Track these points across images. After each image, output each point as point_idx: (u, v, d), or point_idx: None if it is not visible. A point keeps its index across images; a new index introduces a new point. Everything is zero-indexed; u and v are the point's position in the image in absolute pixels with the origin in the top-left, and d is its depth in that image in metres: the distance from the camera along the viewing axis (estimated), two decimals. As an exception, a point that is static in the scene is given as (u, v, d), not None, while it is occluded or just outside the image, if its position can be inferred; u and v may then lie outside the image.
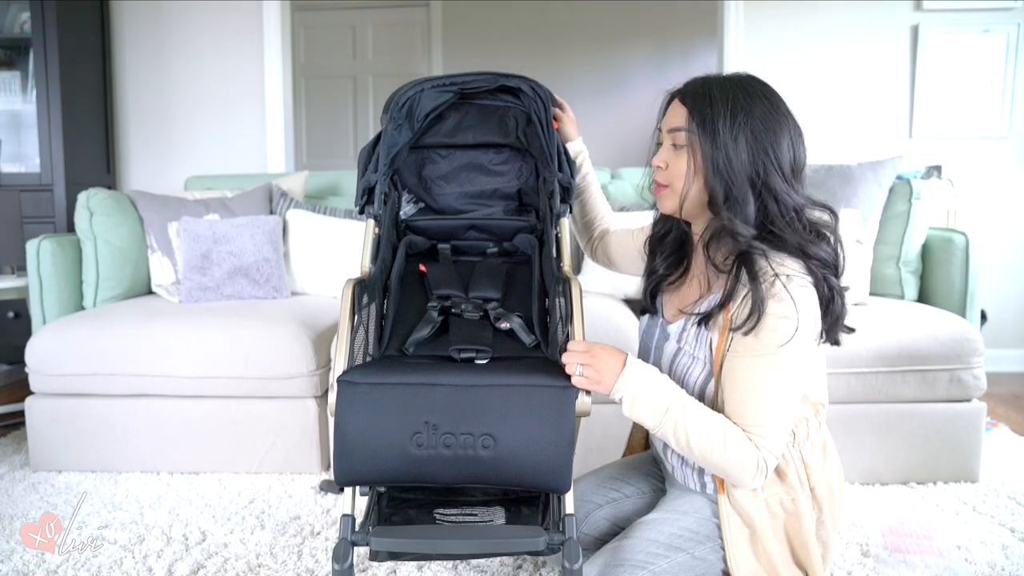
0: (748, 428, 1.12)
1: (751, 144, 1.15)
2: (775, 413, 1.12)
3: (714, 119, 1.16)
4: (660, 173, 1.25)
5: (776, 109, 1.18)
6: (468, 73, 1.46)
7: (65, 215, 3.20)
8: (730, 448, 1.11)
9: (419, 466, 1.07)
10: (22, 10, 3.27)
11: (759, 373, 1.12)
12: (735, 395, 1.14)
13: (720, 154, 1.15)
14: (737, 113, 1.15)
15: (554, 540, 1.09)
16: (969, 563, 1.63)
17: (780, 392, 1.12)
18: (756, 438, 1.12)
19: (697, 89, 1.20)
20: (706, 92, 1.19)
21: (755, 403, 1.12)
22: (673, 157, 1.22)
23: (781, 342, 1.10)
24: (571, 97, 5.62)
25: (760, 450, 1.11)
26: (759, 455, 1.11)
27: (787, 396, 1.13)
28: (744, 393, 1.12)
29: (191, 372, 2.16)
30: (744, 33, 3.47)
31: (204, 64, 3.61)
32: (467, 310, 1.34)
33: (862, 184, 2.40)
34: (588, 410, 1.11)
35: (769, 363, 1.11)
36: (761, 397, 1.12)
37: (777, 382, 1.12)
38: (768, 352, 1.11)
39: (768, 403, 1.12)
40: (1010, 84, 3.39)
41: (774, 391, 1.12)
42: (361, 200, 1.42)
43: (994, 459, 2.27)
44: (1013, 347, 3.51)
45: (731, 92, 1.17)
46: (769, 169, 1.15)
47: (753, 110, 1.16)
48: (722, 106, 1.16)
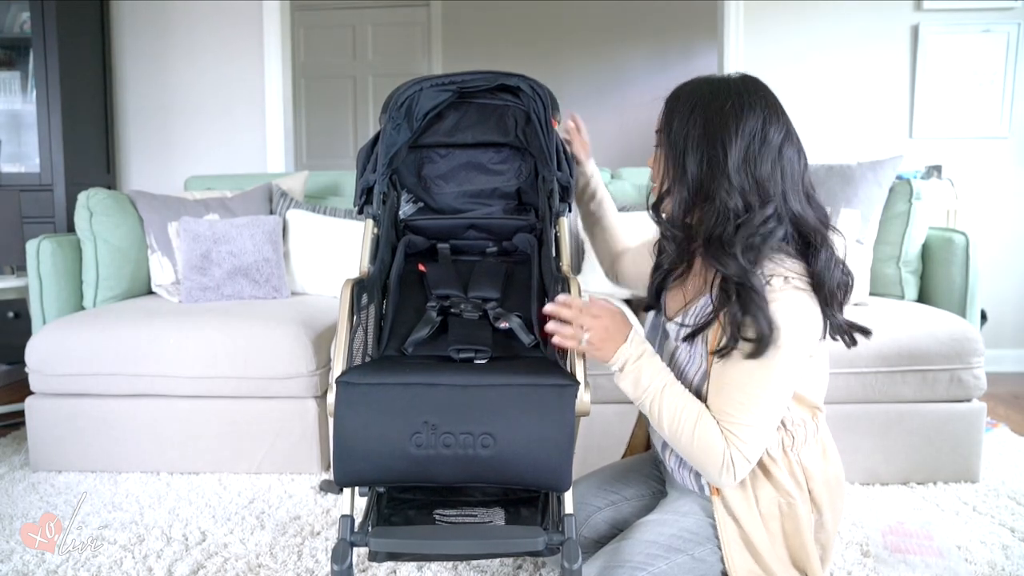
0: (724, 423, 1.12)
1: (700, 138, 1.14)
2: (754, 415, 1.11)
3: (674, 116, 1.17)
4: (652, 174, 1.28)
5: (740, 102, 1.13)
6: (467, 72, 1.46)
7: (65, 215, 3.21)
8: (699, 434, 1.11)
9: (419, 466, 1.07)
10: (22, 10, 3.27)
11: (744, 373, 1.11)
12: (718, 391, 1.13)
13: (674, 151, 1.16)
14: (695, 108, 1.15)
15: (553, 540, 1.09)
16: (969, 563, 1.63)
17: (763, 395, 1.11)
18: (729, 434, 1.11)
19: (677, 90, 1.21)
20: (679, 91, 1.20)
21: (736, 401, 1.11)
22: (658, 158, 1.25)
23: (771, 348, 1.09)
24: (571, 97, 5.61)
25: (729, 446, 1.11)
26: (727, 450, 1.11)
27: (770, 400, 1.12)
28: (727, 390, 1.12)
29: (191, 372, 2.16)
30: (744, 33, 3.47)
31: (204, 64, 3.61)
32: (466, 310, 1.34)
33: (862, 184, 2.40)
34: (587, 409, 1.11)
35: (756, 365, 1.10)
36: (743, 396, 1.11)
37: (761, 385, 1.11)
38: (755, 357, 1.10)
39: (748, 404, 1.11)
40: (1010, 84, 3.39)
41: (757, 393, 1.11)
42: (360, 200, 1.42)
43: (994, 459, 2.26)
44: (1013, 347, 3.51)
45: (701, 89, 1.17)
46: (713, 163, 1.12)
47: (712, 104, 1.14)
48: (686, 102, 1.17)
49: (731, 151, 1.12)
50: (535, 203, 1.55)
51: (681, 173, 1.16)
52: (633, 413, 2.04)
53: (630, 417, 2.05)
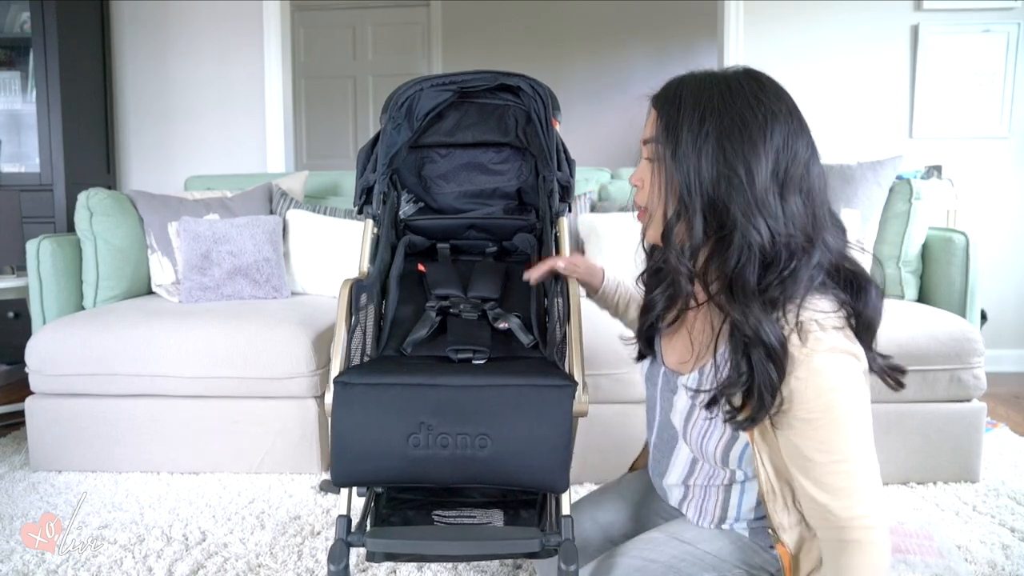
0: (843, 509, 0.91)
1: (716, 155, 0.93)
2: (862, 474, 0.91)
3: (679, 126, 0.96)
4: (638, 194, 1.05)
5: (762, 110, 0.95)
6: (467, 72, 1.46)
7: (65, 215, 3.21)
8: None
9: (416, 466, 1.07)
10: (22, 10, 3.27)
11: (825, 438, 0.91)
12: (809, 475, 0.93)
13: (681, 169, 0.95)
14: (704, 116, 0.94)
15: (550, 542, 1.09)
16: (969, 563, 1.63)
17: (857, 447, 0.92)
18: (861, 521, 0.90)
19: (670, 91, 1.00)
20: (677, 93, 0.98)
21: (836, 472, 0.91)
22: (648, 174, 1.03)
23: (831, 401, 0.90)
24: (571, 97, 5.61)
25: (875, 529, 0.91)
26: (879, 544, 0.91)
27: (866, 448, 0.92)
28: (819, 470, 0.92)
29: (191, 372, 2.16)
30: (744, 33, 3.47)
31: (204, 64, 3.61)
32: (465, 310, 1.34)
33: (862, 184, 2.40)
34: (585, 410, 1.11)
35: (829, 425, 0.90)
36: (840, 464, 0.91)
37: (848, 438, 0.91)
38: (825, 417, 0.91)
39: (851, 468, 0.91)
40: (1010, 84, 3.39)
41: (850, 450, 0.91)
42: (360, 200, 1.42)
43: (994, 459, 2.26)
44: (1013, 347, 3.51)
45: (707, 92, 0.97)
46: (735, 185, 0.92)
47: (727, 111, 0.94)
48: (691, 108, 0.96)
49: (756, 172, 0.92)
50: (535, 203, 1.55)
51: (688, 196, 0.95)
52: (633, 414, 2.04)
53: (630, 417, 2.06)
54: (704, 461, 1.10)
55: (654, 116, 1.01)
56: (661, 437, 1.18)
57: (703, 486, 1.13)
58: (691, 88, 0.98)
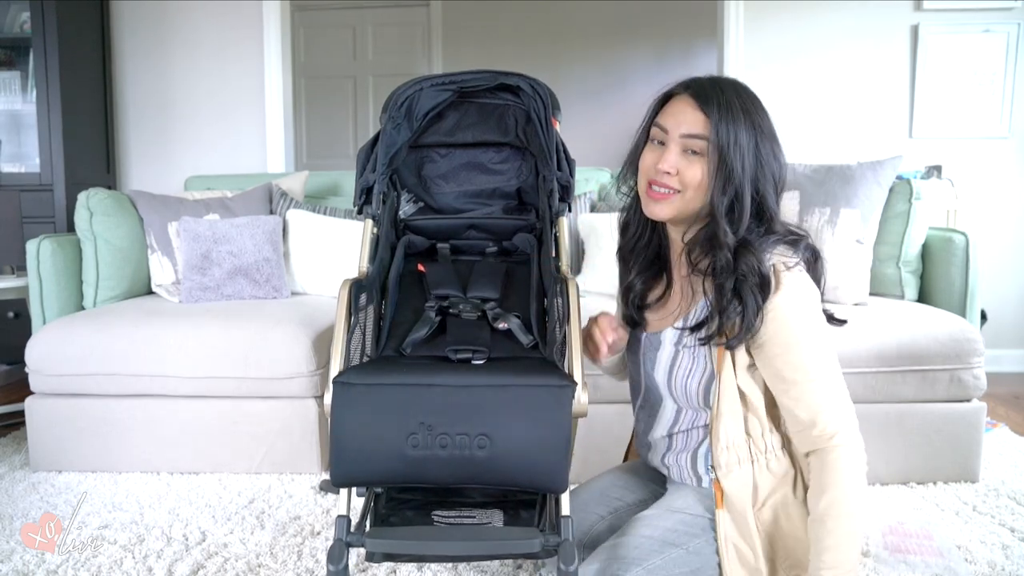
0: (820, 426, 1.12)
1: (757, 155, 1.17)
2: (832, 389, 1.14)
3: (737, 132, 1.16)
4: (668, 178, 1.19)
5: (769, 121, 1.21)
6: (467, 71, 1.45)
7: (65, 215, 3.21)
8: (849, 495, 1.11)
9: (415, 467, 1.07)
10: (22, 10, 3.28)
11: (798, 360, 1.13)
12: (789, 395, 1.15)
13: (737, 166, 1.16)
14: (752, 126, 1.17)
15: (550, 542, 1.09)
16: (969, 563, 1.63)
17: (827, 367, 1.14)
18: (836, 434, 1.12)
19: (716, 96, 1.17)
20: (728, 102, 1.17)
21: (811, 391, 1.13)
22: (685, 164, 1.18)
23: (802, 325, 1.14)
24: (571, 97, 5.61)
25: (847, 444, 1.12)
26: (853, 455, 1.12)
27: (833, 366, 1.15)
28: (797, 388, 1.14)
29: (191, 372, 2.16)
30: (744, 33, 3.46)
31: (204, 64, 3.61)
32: (465, 310, 1.34)
33: (862, 184, 2.40)
34: (585, 410, 1.11)
35: (802, 347, 1.13)
36: (813, 383, 1.13)
37: (818, 359, 1.14)
38: (796, 339, 1.14)
39: (823, 384, 1.13)
40: (1010, 84, 3.39)
41: (821, 369, 1.14)
42: (359, 200, 1.42)
43: (994, 459, 2.26)
44: (1013, 347, 3.51)
45: (746, 103, 1.19)
46: (768, 180, 1.18)
47: (761, 122, 1.19)
48: (743, 117, 1.17)
49: (770, 155, 1.19)
50: (535, 203, 1.55)
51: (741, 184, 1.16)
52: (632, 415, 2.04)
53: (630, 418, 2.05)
54: (688, 407, 1.26)
55: (699, 116, 1.17)
56: (647, 400, 1.34)
57: (685, 431, 1.28)
58: (729, 92, 1.18)
